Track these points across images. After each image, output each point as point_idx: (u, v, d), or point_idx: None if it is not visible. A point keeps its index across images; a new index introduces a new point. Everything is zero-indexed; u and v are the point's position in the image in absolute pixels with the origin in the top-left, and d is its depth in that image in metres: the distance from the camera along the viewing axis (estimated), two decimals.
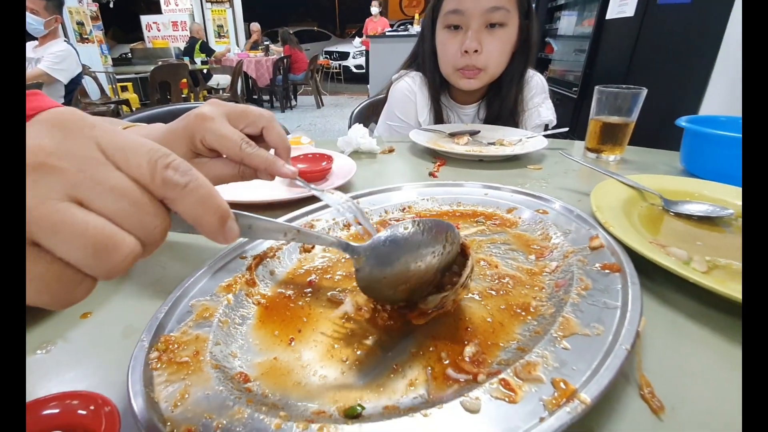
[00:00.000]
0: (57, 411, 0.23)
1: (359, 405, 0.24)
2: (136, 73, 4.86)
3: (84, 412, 0.22)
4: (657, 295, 0.35)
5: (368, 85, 4.17)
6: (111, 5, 8.55)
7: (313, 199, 0.52)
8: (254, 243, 0.42)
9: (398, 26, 9.33)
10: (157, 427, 0.22)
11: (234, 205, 0.53)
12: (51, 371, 0.29)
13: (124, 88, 5.20)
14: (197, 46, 6.00)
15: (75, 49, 2.86)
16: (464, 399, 0.23)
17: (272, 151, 0.40)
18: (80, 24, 5.68)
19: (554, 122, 0.91)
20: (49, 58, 2.63)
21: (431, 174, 0.67)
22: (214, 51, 6.31)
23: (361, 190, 0.54)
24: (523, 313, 0.32)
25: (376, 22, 6.94)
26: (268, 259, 0.40)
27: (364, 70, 10.09)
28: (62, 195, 0.17)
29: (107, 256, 0.18)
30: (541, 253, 0.40)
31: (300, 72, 6.53)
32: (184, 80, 4.36)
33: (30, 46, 2.73)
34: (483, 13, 0.85)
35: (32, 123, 0.19)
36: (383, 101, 1.19)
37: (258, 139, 0.39)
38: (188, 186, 0.20)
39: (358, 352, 0.29)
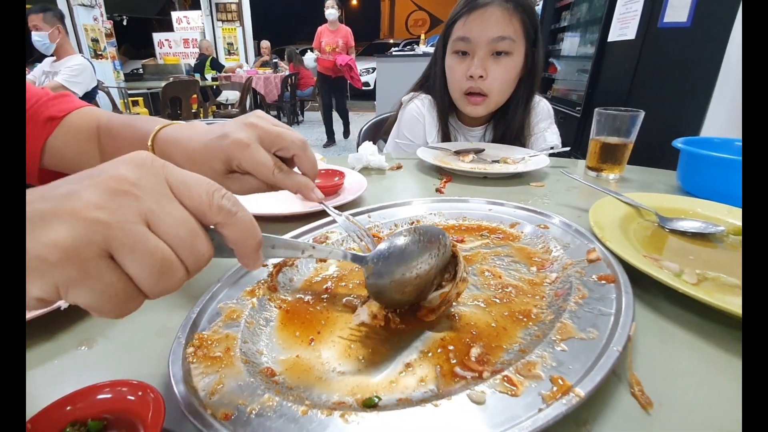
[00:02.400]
0: (110, 396, 0.26)
1: (376, 396, 0.27)
2: (147, 89, 4.99)
3: (133, 398, 0.25)
4: (649, 305, 0.38)
5: (375, 102, 4.27)
6: (125, 23, 8.82)
7: (342, 208, 0.55)
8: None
9: (404, 46, 9.53)
10: (199, 411, 0.24)
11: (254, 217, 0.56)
12: (94, 364, 0.32)
13: (135, 103, 5.33)
14: (208, 63, 6.16)
15: (91, 64, 2.97)
16: (471, 392, 0.26)
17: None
18: (95, 41, 5.87)
19: (559, 146, 0.95)
20: (66, 71, 2.73)
21: (438, 190, 0.70)
22: (224, 66, 6.47)
23: (371, 204, 0.58)
24: (525, 319, 0.35)
25: (334, 32, 4.45)
26: (287, 267, 0.43)
27: (370, 87, 10.28)
28: (139, 219, 0.21)
29: (166, 278, 0.22)
30: (542, 265, 0.43)
31: (307, 88, 6.67)
32: (195, 96, 4.48)
33: (48, 61, 2.84)
34: (489, 42, 0.90)
35: (117, 161, 0.23)
36: (390, 119, 1.24)
37: (290, 161, 0.42)
38: (237, 214, 0.24)
39: (372, 352, 0.32)
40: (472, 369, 0.29)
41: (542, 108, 1.02)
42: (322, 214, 0.55)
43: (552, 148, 0.92)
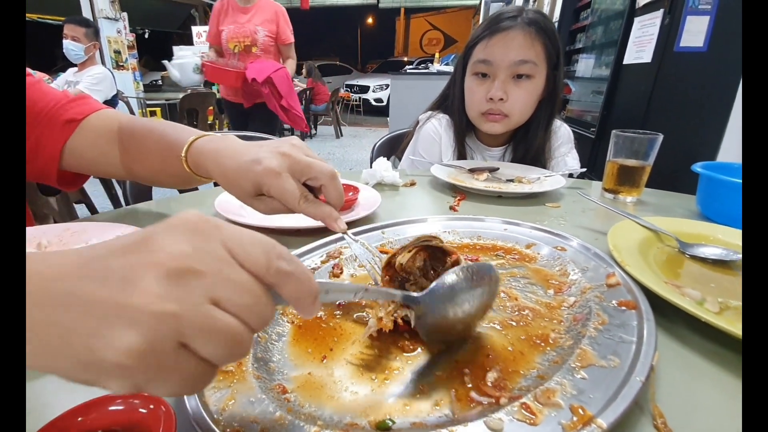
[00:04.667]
0: (121, 408, 0.25)
1: (390, 419, 0.27)
2: (165, 100, 5.12)
3: (144, 411, 0.25)
4: (671, 333, 0.37)
5: (388, 118, 4.31)
6: (146, 36, 9.12)
7: (356, 223, 0.55)
8: None
9: (418, 64, 9.68)
10: (210, 428, 0.24)
11: (266, 229, 0.56)
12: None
13: (153, 113, 5.46)
14: None
15: (112, 73, 3.08)
16: (488, 419, 0.25)
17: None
18: (117, 52, 6.07)
19: (579, 171, 0.95)
20: (87, 79, 2.83)
21: (452, 208, 0.70)
22: None
23: (385, 220, 0.58)
24: (543, 344, 0.34)
25: (246, 12, 2.27)
26: None
27: (383, 104, 10.43)
28: (206, 298, 0.20)
29: (238, 351, 0.21)
30: (559, 288, 0.42)
31: (321, 103, 6.78)
32: (211, 108, 4.58)
33: (71, 71, 2.95)
34: (510, 65, 0.91)
35: (168, 227, 0.21)
36: (403, 136, 1.25)
37: (318, 189, 0.43)
38: (294, 274, 0.23)
39: (386, 372, 0.32)
40: (488, 394, 0.29)
41: (563, 133, 1.03)
42: (349, 226, 0.55)
43: (572, 175, 0.92)
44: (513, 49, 0.92)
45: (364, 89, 10.68)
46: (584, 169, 0.93)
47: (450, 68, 3.51)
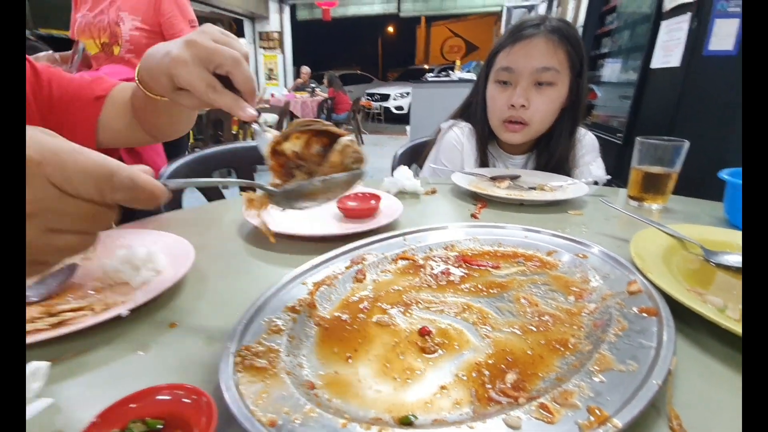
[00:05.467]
0: (168, 398, 0.28)
1: (412, 415, 0.28)
2: (199, 113, 5.30)
3: (188, 401, 0.28)
4: (691, 339, 0.37)
5: (407, 127, 4.34)
6: None
7: (366, 233, 0.58)
8: (313, 272, 0.47)
9: (440, 71, 9.71)
10: (248, 417, 0.26)
11: (292, 236, 0.59)
12: (149, 367, 0.35)
13: None
14: None
15: None
16: (506, 417, 0.27)
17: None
18: None
19: (604, 180, 0.95)
20: None
21: (473, 215, 0.71)
22: None
23: (407, 228, 0.59)
24: (562, 349, 0.35)
25: None
26: (325, 286, 0.45)
27: (403, 111, 10.50)
28: (42, 231, 0.26)
29: (83, 248, 0.29)
30: (580, 295, 0.43)
31: (343, 112, 6.89)
32: (235, 118, 4.73)
33: None
34: (532, 72, 0.92)
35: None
36: (425, 145, 1.28)
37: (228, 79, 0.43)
38: (134, 196, 0.28)
39: (408, 372, 0.33)
40: (507, 394, 0.30)
41: (588, 141, 1.03)
42: (361, 236, 0.57)
43: (596, 183, 0.92)
44: (535, 57, 0.93)
45: (385, 97, 10.78)
46: (609, 177, 0.93)
47: (471, 75, 3.52)
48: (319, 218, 0.70)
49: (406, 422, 0.28)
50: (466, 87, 3.88)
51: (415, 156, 1.34)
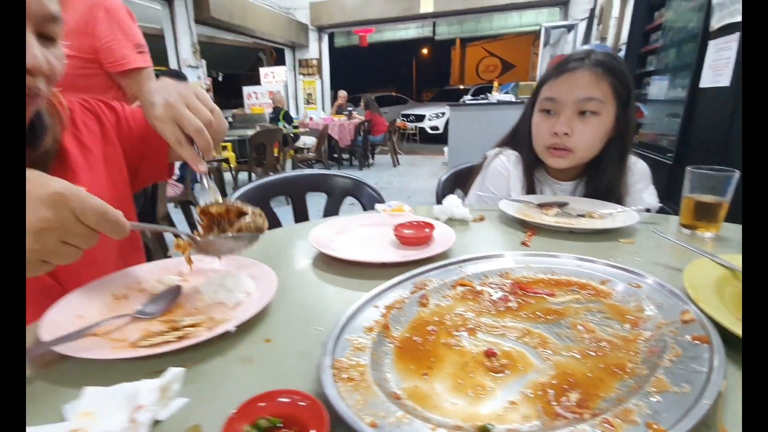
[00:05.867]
0: (288, 400, 0.35)
1: (490, 424, 0.34)
2: (238, 136, 5.65)
3: (303, 404, 0.34)
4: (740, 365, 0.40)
5: (445, 148, 4.40)
6: (220, 79, 10.18)
7: (423, 261, 0.64)
8: (382, 296, 0.54)
9: (475, 92, 9.77)
10: (354, 419, 0.33)
11: (353, 263, 0.65)
12: (256, 375, 0.43)
13: (224, 148, 6.02)
14: (281, 115, 6.79)
15: None
16: (574, 429, 0.31)
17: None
18: None
19: (656, 207, 0.97)
20: None
21: (523, 243, 0.76)
22: (292, 119, 7.06)
23: (458, 255, 0.65)
24: (620, 372, 0.39)
25: None
26: (395, 309, 0.51)
27: (439, 131, 10.62)
28: (58, 241, 0.42)
29: (75, 259, 0.45)
30: (635, 323, 0.47)
31: (379, 134, 7.07)
32: (277, 142, 4.98)
33: None
34: (576, 102, 0.97)
35: (35, 200, 0.40)
36: (469, 170, 1.33)
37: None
38: (111, 223, 0.45)
39: (479, 389, 0.39)
40: (572, 411, 0.35)
41: (639, 169, 1.06)
42: (418, 263, 0.63)
43: (648, 210, 0.94)
44: (578, 88, 0.98)
45: (420, 118, 10.96)
46: (660, 205, 0.94)
47: (510, 97, 3.56)
48: (378, 246, 0.77)
49: (484, 430, 0.33)
50: (504, 109, 3.92)
51: (459, 181, 1.39)
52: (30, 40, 0.52)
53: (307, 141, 6.81)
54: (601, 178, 1.03)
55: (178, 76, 3.28)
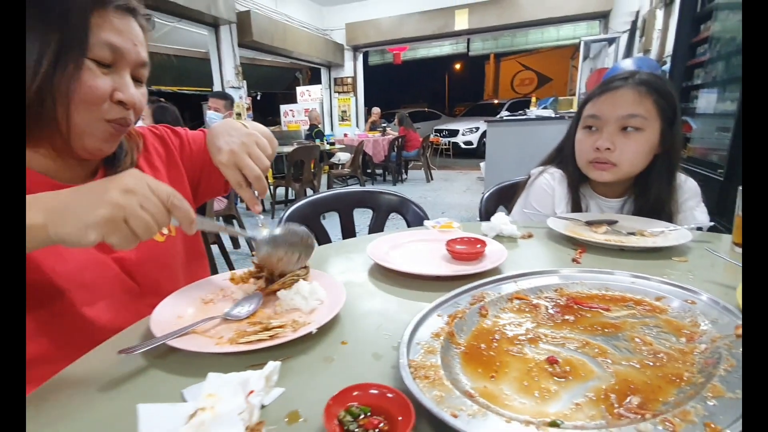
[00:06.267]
0: (376, 392, 0.41)
1: (559, 420, 0.38)
2: (279, 153, 5.89)
3: (390, 396, 0.40)
4: None
5: (481, 163, 4.42)
6: (258, 98, 10.67)
7: (477, 275, 0.69)
8: (446, 305, 0.59)
9: (511, 106, 9.74)
10: (437, 410, 0.38)
11: (409, 275, 0.71)
12: (337, 373, 0.49)
13: None
14: (314, 133, 7.01)
15: None
16: (637, 427, 0.35)
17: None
18: (238, 114, 7.22)
19: (708, 225, 0.98)
20: None
21: (574, 260, 0.79)
22: (324, 135, 7.25)
23: (510, 270, 0.69)
24: (677, 380, 0.43)
25: None
26: (458, 319, 0.56)
27: (473, 146, 10.62)
28: (137, 204, 0.49)
29: (147, 232, 0.50)
30: (691, 337, 0.50)
31: (413, 149, 7.17)
32: (314, 159, 5.16)
33: None
34: (618, 118, 1.00)
35: (125, 174, 0.52)
36: (511, 187, 1.37)
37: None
38: (179, 208, 0.53)
39: (545, 391, 0.43)
40: (634, 412, 0.38)
41: (690, 186, 1.07)
42: (472, 277, 0.68)
43: (700, 228, 0.95)
44: (621, 105, 1.01)
45: (453, 133, 10.99)
46: (712, 224, 0.95)
47: (549, 112, 3.55)
48: (431, 260, 0.82)
49: (554, 425, 0.37)
50: (543, 124, 3.90)
51: (502, 198, 1.43)
52: (128, 81, 0.65)
53: (342, 157, 7.01)
54: (649, 195, 1.04)
55: (225, 97, 3.52)
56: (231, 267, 2.81)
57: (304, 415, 0.42)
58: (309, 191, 5.15)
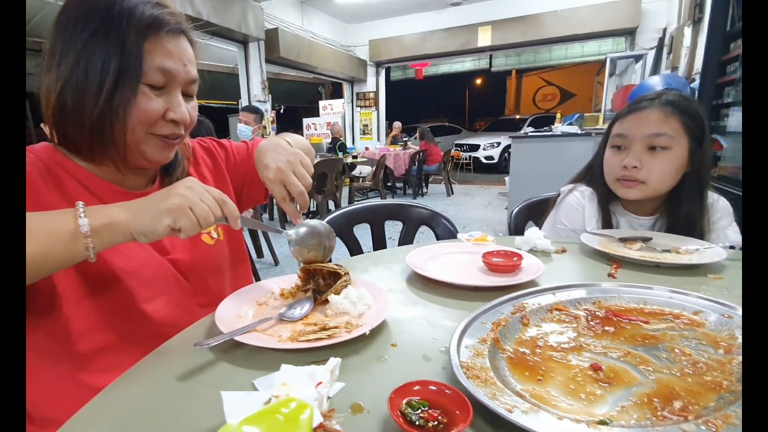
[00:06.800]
0: (435, 388, 0.45)
1: (607, 419, 0.41)
2: None
3: (449, 392, 0.44)
4: None
5: (506, 177, 4.43)
6: (281, 111, 10.96)
7: (514, 287, 0.72)
8: (488, 314, 0.62)
9: (533, 122, 9.71)
10: (494, 405, 0.41)
11: (445, 284, 0.74)
12: (390, 372, 0.53)
13: None
14: (337, 146, 7.15)
15: None
16: (680, 427, 0.38)
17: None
18: (264, 127, 7.46)
19: (740, 244, 0.99)
20: None
21: (610, 275, 0.81)
22: (347, 148, 7.38)
23: (547, 285, 0.72)
24: (717, 388, 0.45)
25: None
26: (501, 326, 0.60)
27: (494, 161, 10.61)
28: (198, 198, 0.59)
29: (206, 220, 0.59)
30: (729, 349, 0.52)
31: (434, 164, 7.22)
32: (336, 171, 5.26)
33: None
34: (645, 137, 1.03)
35: (184, 181, 0.62)
36: (541, 203, 1.40)
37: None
38: (227, 204, 0.62)
39: (590, 395, 0.46)
40: (677, 415, 0.41)
41: (722, 206, 1.08)
42: (509, 288, 0.72)
43: (732, 247, 0.96)
44: (647, 124, 1.04)
45: (474, 148, 11.02)
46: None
47: (574, 129, 3.55)
48: (467, 271, 0.86)
49: (603, 423, 0.41)
50: (569, 141, 3.89)
51: (531, 214, 1.46)
52: (179, 100, 0.71)
53: (363, 170, 7.11)
54: (680, 213, 1.06)
55: (256, 111, 3.66)
56: (255, 274, 2.90)
57: (366, 407, 0.46)
58: (331, 203, 5.24)
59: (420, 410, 0.43)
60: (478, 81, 18.42)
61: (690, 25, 4.07)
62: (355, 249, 1.40)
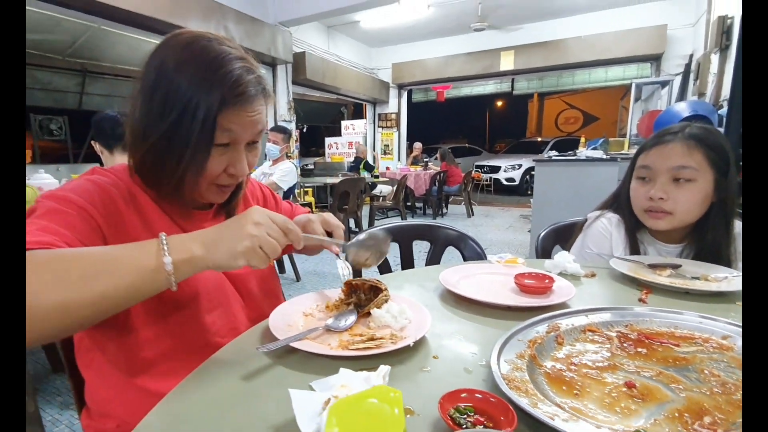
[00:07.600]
0: (480, 396, 0.49)
1: (643, 428, 0.45)
2: (323, 183, 6.18)
3: (493, 400, 0.48)
4: None
5: (531, 200, 4.43)
6: (304, 130, 11.26)
7: (546, 308, 0.76)
8: (524, 331, 0.67)
9: (555, 145, 9.69)
10: (537, 414, 0.46)
11: (478, 302, 0.79)
12: (434, 381, 0.57)
13: (306, 193, 6.58)
14: (362, 165, 7.30)
15: (296, 167, 3.97)
16: None
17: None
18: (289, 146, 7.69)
19: None
20: (278, 173, 3.71)
21: (641, 300, 0.85)
22: (373, 168, 7.53)
23: (579, 307, 0.76)
24: None
25: None
26: (537, 344, 0.64)
27: (515, 183, 10.60)
28: (265, 233, 0.61)
29: (274, 252, 0.62)
30: None
31: (455, 185, 7.27)
32: (359, 190, 5.37)
33: (266, 165, 3.91)
34: (669, 170, 1.07)
35: (251, 211, 0.64)
36: (568, 227, 1.44)
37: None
38: (292, 231, 0.65)
39: (625, 409, 0.50)
40: (707, 428, 0.45)
41: None
42: (540, 309, 0.76)
43: None
44: (671, 157, 1.08)
45: (495, 169, 11.05)
46: None
47: (599, 153, 3.57)
48: (499, 291, 0.90)
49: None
50: (594, 165, 3.88)
51: (558, 237, 1.49)
52: (242, 156, 0.77)
53: (384, 189, 7.22)
54: (706, 241, 1.09)
55: (284, 131, 3.80)
56: None
57: (416, 411, 0.51)
58: (351, 221, 5.33)
59: (467, 415, 0.48)
60: (499, 103, 18.56)
61: (717, 52, 4.08)
62: (383, 268, 1.45)
